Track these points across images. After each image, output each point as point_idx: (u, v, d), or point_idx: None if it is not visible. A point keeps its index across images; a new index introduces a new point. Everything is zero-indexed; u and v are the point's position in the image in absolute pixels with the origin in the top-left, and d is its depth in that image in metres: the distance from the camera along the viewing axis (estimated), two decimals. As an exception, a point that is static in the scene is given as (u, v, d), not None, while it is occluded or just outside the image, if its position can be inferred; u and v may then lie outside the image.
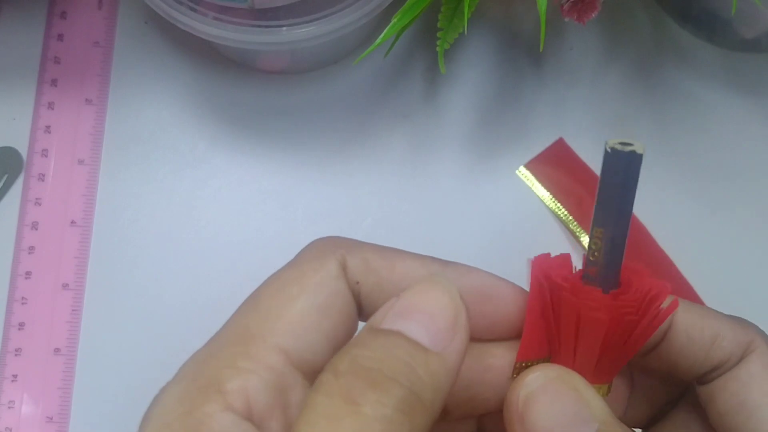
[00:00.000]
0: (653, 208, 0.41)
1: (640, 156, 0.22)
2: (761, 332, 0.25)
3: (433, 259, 0.24)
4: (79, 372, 0.40)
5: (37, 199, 0.41)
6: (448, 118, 0.43)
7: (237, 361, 0.21)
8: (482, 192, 0.42)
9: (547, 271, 0.23)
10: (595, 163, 0.42)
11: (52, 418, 0.39)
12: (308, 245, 0.24)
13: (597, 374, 0.23)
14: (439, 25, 0.37)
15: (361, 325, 0.23)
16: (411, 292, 0.21)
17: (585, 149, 0.42)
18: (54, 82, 0.43)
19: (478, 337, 0.24)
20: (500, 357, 0.24)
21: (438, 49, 0.37)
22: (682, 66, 0.44)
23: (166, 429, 0.20)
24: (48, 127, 0.42)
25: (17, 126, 0.42)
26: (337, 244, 0.23)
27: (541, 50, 0.34)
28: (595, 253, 0.23)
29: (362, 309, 0.23)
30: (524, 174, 0.42)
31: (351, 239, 0.24)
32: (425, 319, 0.21)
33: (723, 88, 0.44)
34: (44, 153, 0.42)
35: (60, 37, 0.44)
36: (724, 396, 0.24)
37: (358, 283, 0.23)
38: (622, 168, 0.22)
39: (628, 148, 0.21)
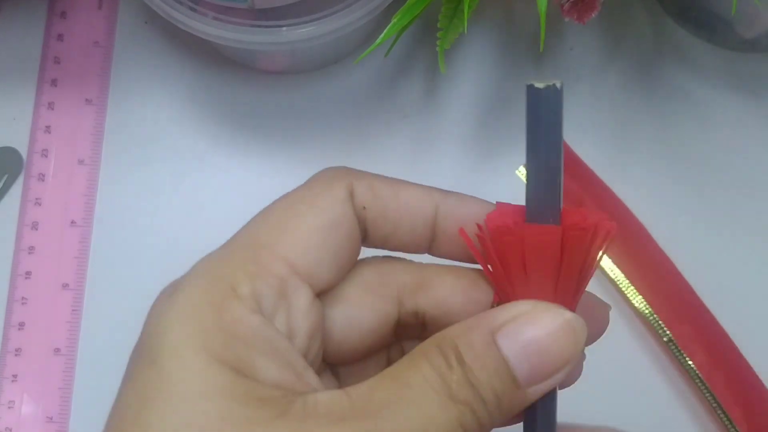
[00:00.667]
0: (653, 207, 0.41)
1: (560, 90, 0.22)
2: None
3: (435, 189, 0.26)
4: (79, 372, 0.40)
5: (37, 199, 0.41)
6: (448, 118, 0.43)
7: (247, 266, 0.22)
8: (482, 192, 0.42)
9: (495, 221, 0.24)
10: (595, 163, 0.42)
11: (52, 418, 0.39)
12: (318, 172, 0.25)
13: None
14: (439, 25, 0.37)
15: (365, 250, 0.25)
16: (544, 321, 0.22)
17: (585, 149, 0.42)
18: (54, 82, 0.43)
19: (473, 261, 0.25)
20: (487, 292, 0.25)
21: (438, 49, 0.37)
22: (682, 66, 0.44)
23: (203, 332, 0.21)
24: (48, 127, 0.42)
25: (17, 126, 0.42)
26: (345, 172, 0.25)
27: (541, 50, 0.34)
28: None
29: (368, 234, 0.25)
30: (524, 174, 0.42)
31: (358, 169, 0.25)
32: (536, 358, 0.21)
33: (723, 88, 0.43)
34: (44, 153, 0.42)
35: (60, 37, 0.44)
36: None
37: (364, 208, 0.24)
38: (544, 103, 0.23)
39: (547, 84, 0.22)
